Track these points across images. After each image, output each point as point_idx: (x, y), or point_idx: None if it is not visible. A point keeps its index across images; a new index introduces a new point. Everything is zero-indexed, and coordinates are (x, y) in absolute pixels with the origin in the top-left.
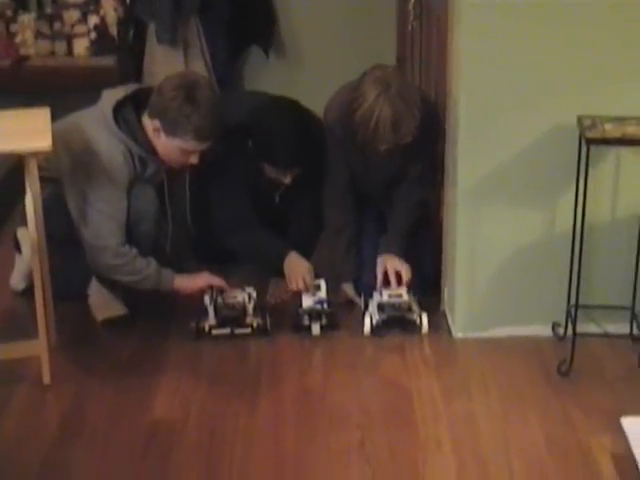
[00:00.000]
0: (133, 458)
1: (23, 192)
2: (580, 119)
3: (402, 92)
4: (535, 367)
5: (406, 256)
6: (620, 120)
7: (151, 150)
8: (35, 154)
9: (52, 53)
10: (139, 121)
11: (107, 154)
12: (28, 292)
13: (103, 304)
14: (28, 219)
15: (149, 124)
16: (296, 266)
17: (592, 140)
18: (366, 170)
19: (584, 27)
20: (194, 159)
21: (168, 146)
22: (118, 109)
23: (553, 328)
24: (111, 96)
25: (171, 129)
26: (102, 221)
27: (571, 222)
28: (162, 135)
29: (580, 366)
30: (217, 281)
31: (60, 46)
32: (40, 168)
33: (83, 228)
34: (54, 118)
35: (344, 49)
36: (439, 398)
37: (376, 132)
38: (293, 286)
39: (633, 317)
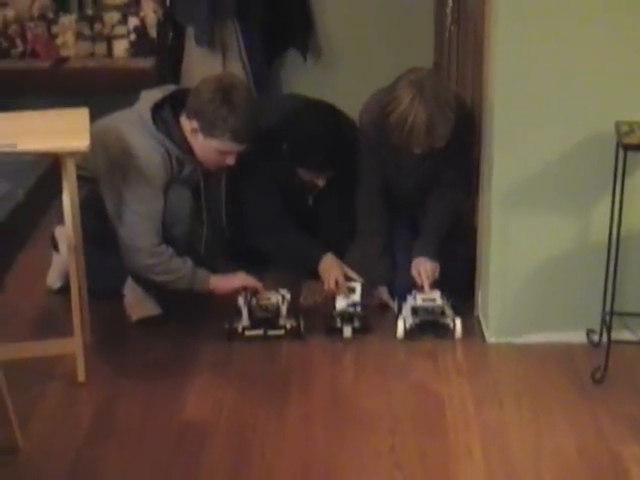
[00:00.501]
0: (164, 457)
1: (60, 191)
2: (617, 125)
3: (437, 95)
4: (568, 374)
5: (440, 258)
6: None
7: (188, 151)
8: (72, 154)
9: (92, 54)
10: (177, 122)
11: (144, 155)
12: (64, 290)
13: (138, 304)
14: (65, 218)
15: (187, 125)
16: (331, 268)
17: (629, 146)
18: (399, 174)
19: (621, 33)
20: (231, 160)
21: (205, 147)
22: (156, 110)
23: (587, 335)
24: (149, 97)
25: (208, 130)
26: (138, 221)
27: (606, 228)
28: (200, 136)
29: (614, 374)
30: (252, 282)
31: (100, 47)
32: (78, 167)
33: (119, 228)
34: (93, 119)
35: (381, 53)
36: (470, 404)
37: (411, 135)
38: (326, 287)
39: None
